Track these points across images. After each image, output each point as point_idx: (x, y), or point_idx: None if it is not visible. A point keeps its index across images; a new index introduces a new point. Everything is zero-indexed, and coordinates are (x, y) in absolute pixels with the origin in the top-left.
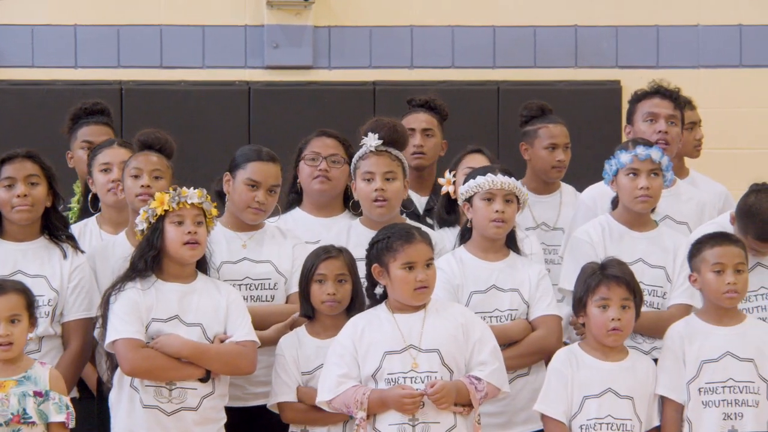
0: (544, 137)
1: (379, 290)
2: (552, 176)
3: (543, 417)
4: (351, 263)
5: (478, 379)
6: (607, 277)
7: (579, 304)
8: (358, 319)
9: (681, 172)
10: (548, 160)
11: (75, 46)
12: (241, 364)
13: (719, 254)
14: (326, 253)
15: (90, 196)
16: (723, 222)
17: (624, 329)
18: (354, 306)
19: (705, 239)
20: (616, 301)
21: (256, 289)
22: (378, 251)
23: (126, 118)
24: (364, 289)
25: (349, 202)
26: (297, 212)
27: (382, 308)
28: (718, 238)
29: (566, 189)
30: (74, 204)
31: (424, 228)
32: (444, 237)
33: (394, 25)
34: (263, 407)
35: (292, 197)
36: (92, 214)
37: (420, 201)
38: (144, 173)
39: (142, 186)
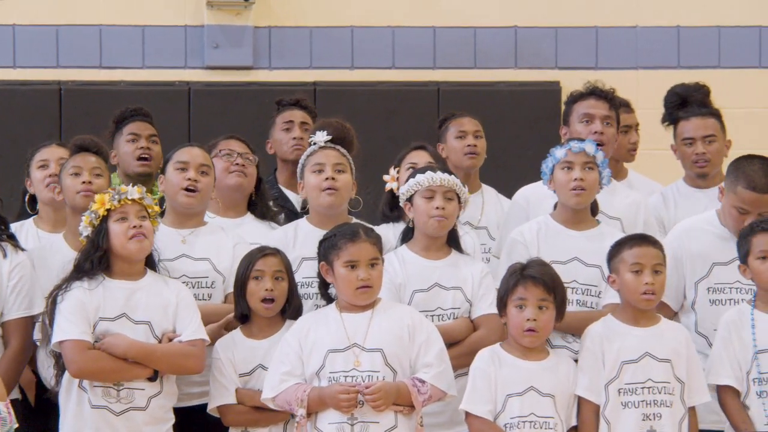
0: (453, 129)
1: (333, 290)
2: (466, 164)
3: (468, 416)
4: (287, 264)
5: (422, 382)
6: (524, 277)
7: (501, 304)
8: (306, 317)
9: (619, 174)
10: (459, 149)
11: (13, 46)
12: (189, 363)
13: (637, 255)
14: (262, 251)
15: (27, 197)
16: (709, 216)
17: (540, 330)
18: (289, 308)
19: (624, 240)
20: (532, 301)
21: (193, 287)
22: (325, 249)
23: (65, 119)
24: (318, 288)
25: (253, 207)
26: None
27: (331, 307)
28: (636, 239)
29: (488, 189)
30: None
31: (377, 229)
32: (386, 233)
33: (334, 25)
34: (200, 407)
35: None
36: (30, 216)
37: (297, 199)
38: (84, 171)
39: (83, 182)
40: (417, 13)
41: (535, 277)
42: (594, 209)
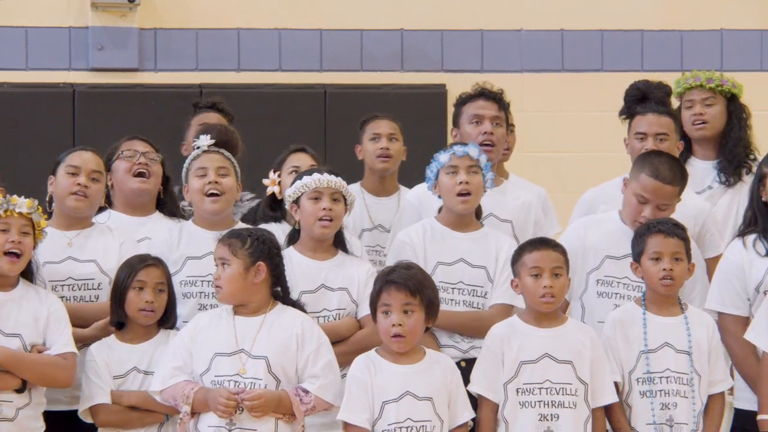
0: (368, 131)
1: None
2: (378, 166)
3: (346, 425)
4: (168, 275)
5: (306, 392)
6: (387, 282)
7: (372, 310)
8: (202, 316)
9: (501, 175)
10: (372, 151)
11: None
12: (59, 375)
13: (536, 258)
14: (144, 261)
15: None
16: (611, 213)
17: (408, 334)
18: (167, 318)
19: (525, 245)
20: (397, 306)
21: (80, 289)
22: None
23: None
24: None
25: (162, 206)
26: (111, 214)
27: (227, 308)
28: (537, 243)
29: (406, 191)
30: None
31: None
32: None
33: (220, 27)
34: (71, 412)
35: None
36: None
37: None
38: None
39: None
40: (303, 16)
41: (397, 282)
42: (478, 212)
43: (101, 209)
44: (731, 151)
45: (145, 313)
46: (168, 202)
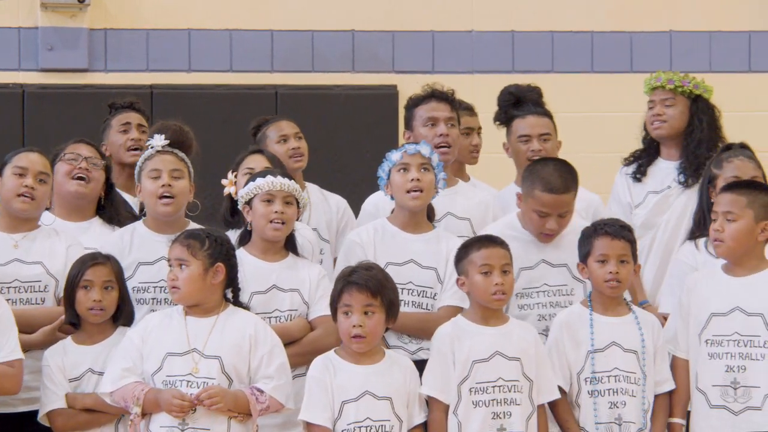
0: (273, 134)
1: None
2: (294, 166)
3: (308, 425)
4: (118, 271)
5: (261, 392)
6: (348, 283)
7: (332, 310)
8: (152, 316)
9: (462, 177)
10: (283, 153)
11: None
12: (5, 384)
13: (487, 256)
14: (93, 259)
15: None
16: (509, 219)
17: (368, 335)
18: (120, 315)
19: (472, 242)
20: (357, 307)
21: (26, 291)
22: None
23: None
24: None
25: (102, 212)
26: (47, 216)
27: (177, 309)
28: (484, 241)
29: (312, 189)
30: None
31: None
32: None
33: (171, 28)
34: (31, 413)
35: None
36: None
37: (135, 202)
38: None
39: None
40: (254, 17)
41: (358, 283)
42: (430, 214)
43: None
44: (693, 152)
45: (93, 312)
46: (108, 209)
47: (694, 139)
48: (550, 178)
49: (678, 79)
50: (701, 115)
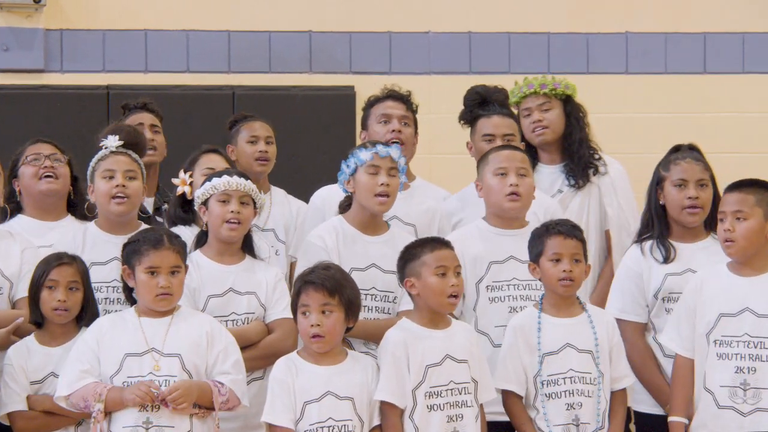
0: (245, 133)
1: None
2: (256, 170)
3: (270, 427)
4: (84, 272)
5: (222, 384)
6: (306, 283)
7: (292, 311)
8: (104, 319)
9: (409, 177)
10: (250, 153)
11: None
12: None
13: (442, 257)
14: (59, 259)
15: None
16: (477, 221)
17: (327, 334)
18: (85, 315)
19: (421, 244)
20: (315, 307)
21: None
22: (128, 253)
23: None
24: (123, 290)
25: (72, 208)
26: (21, 219)
27: (129, 311)
28: (436, 242)
29: (276, 191)
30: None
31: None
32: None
33: (127, 28)
34: None
35: (13, 206)
36: None
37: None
38: None
39: None
40: (211, 17)
41: (315, 283)
42: None
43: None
44: (576, 153)
45: (58, 312)
46: (78, 204)
47: (575, 140)
48: (503, 146)
49: (550, 83)
50: (576, 115)
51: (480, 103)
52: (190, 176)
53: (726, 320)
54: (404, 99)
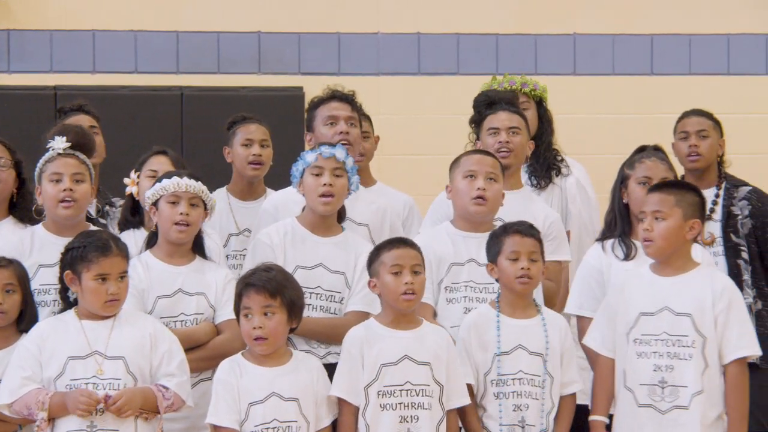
0: (240, 134)
1: (72, 295)
2: (249, 173)
3: (215, 428)
4: (21, 275)
5: (166, 388)
6: (247, 285)
7: (236, 313)
8: (44, 323)
9: (367, 181)
10: (244, 157)
11: None
12: None
13: (396, 256)
14: None
15: None
16: (444, 224)
17: (270, 336)
18: (24, 318)
19: (384, 244)
20: (256, 309)
21: None
22: (72, 258)
23: None
24: (60, 293)
25: (15, 210)
26: None
27: (70, 314)
28: (395, 242)
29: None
30: None
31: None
32: (126, 240)
33: (75, 29)
34: None
35: None
36: None
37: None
38: None
39: None
40: (160, 18)
41: (256, 285)
42: (341, 215)
43: None
44: (543, 155)
45: None
46: (20, 206)
47: (545, 141)
48: (475, 150)
49: (530, 83)
50: (548, 118)
51: (488, 105)
52: (138, 176)
53: (645, 319)
54: (349, 99)
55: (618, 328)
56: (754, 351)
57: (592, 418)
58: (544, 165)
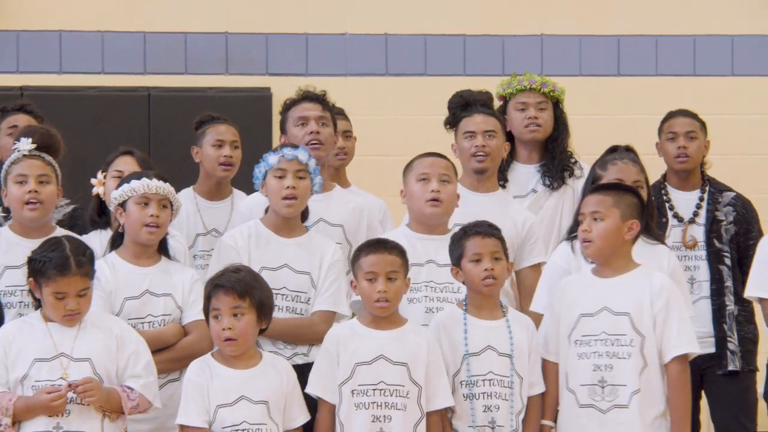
0: (210, 135)
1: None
2: (219, 174)
3: (184, 429)
4: None
5: (131, 389)
6: (215, 287)
7: (205, 315)
8: (10, 325)
9: (342, 183)
10: (215, 157)
11: None
12: None
13: (372, 263)
14: None
15: None
16: (401, 228)
17: (239, 337)
18: None
19: (363, 246)
20: (225, 310)
21: None
22: (33, 270)
23: None
24: (30, 293)
25: None
26: None
27: (35, 315)
28: (373, 246)
29: (238, 194)
30: None
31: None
32: (93, 240)
33: (42, 29)
34: None
35: None
36: None
37: None
38: None
39: None
40: (127, 18)
41: (225, 286)
42: (304, 215)
43: None
44: (558, 157)
45: None
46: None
47: (560, 143)
48: (425, 154)
49: (550, 83)
50: (564, 120)
51: (463, 107)
52: (105, 177)
53: (585, 320)
54: (320, 99)
55: (560, 330)
56: (693, 348)
57: (543, 422)
58: (558, 166)
